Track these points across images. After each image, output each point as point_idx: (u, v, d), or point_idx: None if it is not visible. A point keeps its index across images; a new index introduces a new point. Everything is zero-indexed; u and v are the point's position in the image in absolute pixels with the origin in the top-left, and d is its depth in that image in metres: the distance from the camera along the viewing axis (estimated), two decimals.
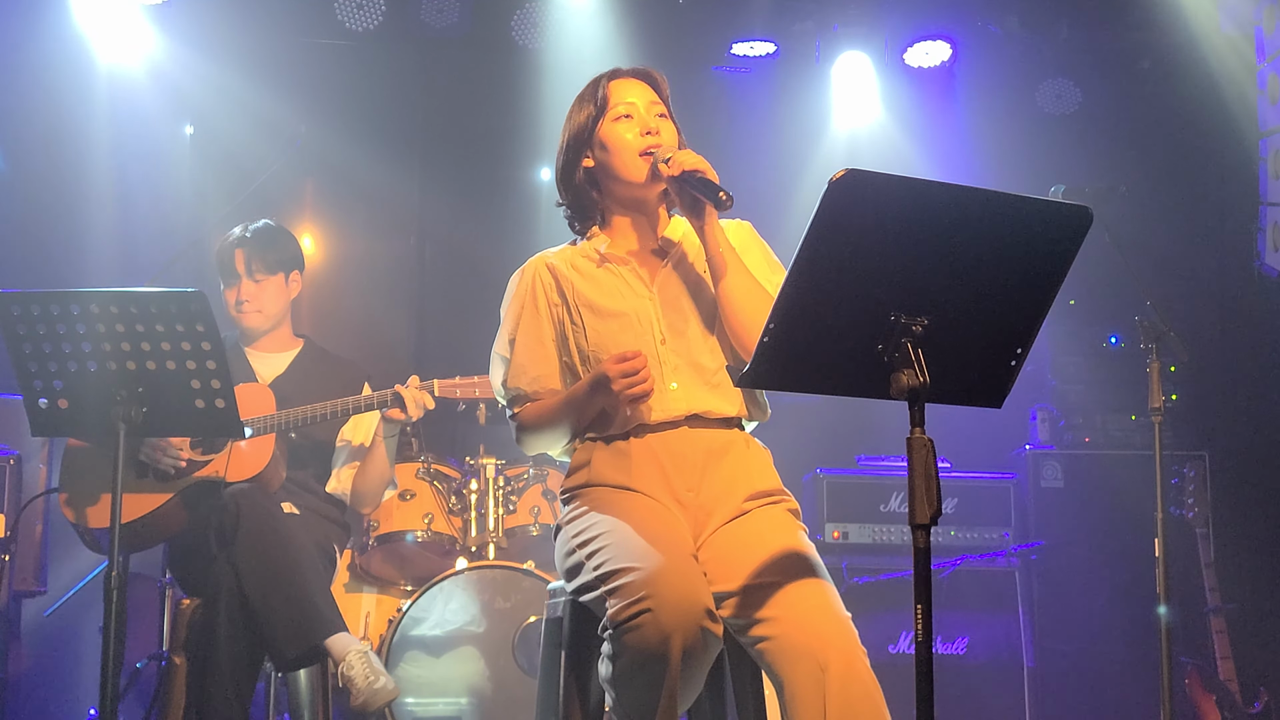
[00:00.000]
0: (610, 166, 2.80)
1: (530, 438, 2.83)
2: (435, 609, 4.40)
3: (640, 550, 2.47)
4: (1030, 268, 2.19)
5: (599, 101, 2.83)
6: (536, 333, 2.81)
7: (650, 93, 2.84)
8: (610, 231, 2.87)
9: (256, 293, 4.18)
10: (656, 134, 2.78)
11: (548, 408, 2.78)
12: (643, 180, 2.77)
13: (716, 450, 2.71)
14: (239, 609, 3.65)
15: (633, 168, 2.78)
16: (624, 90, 2.83)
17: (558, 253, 2.89)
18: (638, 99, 2.82)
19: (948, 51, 6.11)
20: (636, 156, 2.77)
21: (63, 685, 5.12)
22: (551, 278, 2.83)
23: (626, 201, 2.84)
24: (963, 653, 5.14)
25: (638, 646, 2.37)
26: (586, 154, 2.84)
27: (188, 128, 6.04)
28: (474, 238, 6.21)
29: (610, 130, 2.80)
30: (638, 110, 2.80)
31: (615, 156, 2.79)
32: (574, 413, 2.73)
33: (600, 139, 2.81)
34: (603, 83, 2.85)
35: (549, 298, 2.82)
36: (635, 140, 2.77)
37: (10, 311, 3.12)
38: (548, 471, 4.72)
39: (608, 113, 2.81)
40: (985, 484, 5.38)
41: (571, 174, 2.86)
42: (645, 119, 2.79)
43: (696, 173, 2.66)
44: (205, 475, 3.92)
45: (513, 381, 2.82)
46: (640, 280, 2.80)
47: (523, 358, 2.81)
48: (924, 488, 2.08)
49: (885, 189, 2.09)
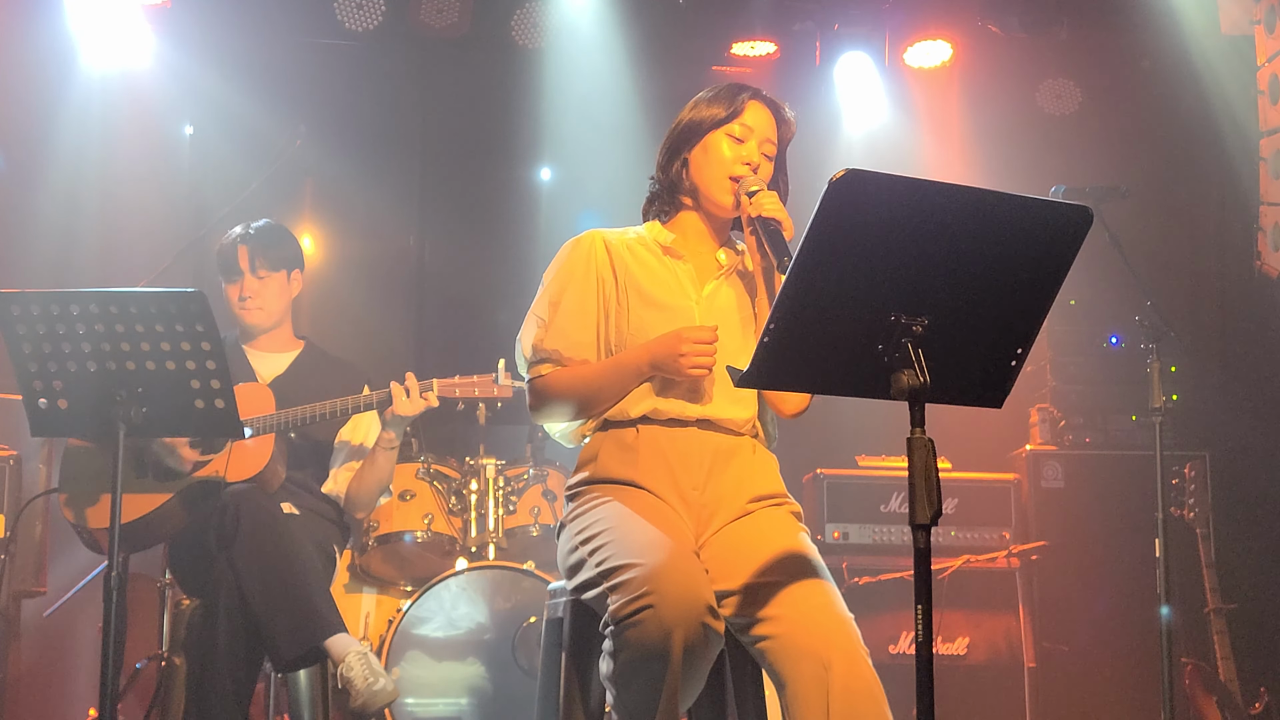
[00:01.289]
0: (700, 172, 2.84)
1: (552, 404, 2.79)
2: (435, 609, 4.40)
3: (642, 547, 2.47)
4: (1030, 268, 2.19)
5: (730, 110, 2.84)
6: (583, 301, 2.81)
7: (773, 129, 2.86)
8: (678, 227, 2.89)
9: (259, 289, 4.18)
10: (755, 169, 2.81)
11: (584, 373, 2.76)
12: (723, 202, 2.81)
13: (724, 452, 2.72)
14: (238, 609, 3.64)
15: (717, 185, 2.81)
16: (754, 114, 2.85)
17: (616, 233, 2.90)
18: (759, 128, 2.84)
19: (948, 51, 6.11)
20: (725, 178, 2.80)
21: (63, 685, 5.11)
22: (606, 254, 2.84)
23: (702, 208, 2.87)
24: (963, 653, 5.14)
25: (639, 642, 2.37)
26: (690, 146, 2.85)
27: (188, 128, 6.04)
28: (474, 238, 6.21)
29: (718, 142, 2.82)
30: (752, 138, 2.83)
31: (708, 166, 2.82)
32: (615, 376, 2.72)
33: (708, 143, 2.83)
34: (743, 96, 2.86)
35: (600, 273, 2.83)
36: (732, 161, 2.80)
37: (10, 311, 3.12)
38: (548, 472, 4.71)
39: (728, 124, 2.83)
40: (985, 484, 5.37)
41: (672, 159, 2.88)
42: (753, 150, 2.82)
43: (773, 223, 2.68)
44: (205, 475, 3.92)
45: (550, 342, 2.79)
46: (693, 282, 2.83)
47: (565, 321, 2.79)
48: (924, 488, 2.08)
49: (885, 189, 2.09)
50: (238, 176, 5.34)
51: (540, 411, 2.81)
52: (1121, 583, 5.22)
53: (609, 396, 2.74)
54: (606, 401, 2.75)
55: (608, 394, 2.74)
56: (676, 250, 2.85)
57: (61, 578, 4.86)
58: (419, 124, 6.30)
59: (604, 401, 2.75)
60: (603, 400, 2.75)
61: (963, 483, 5.32)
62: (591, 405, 2.77)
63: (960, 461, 5.32)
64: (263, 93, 5.79)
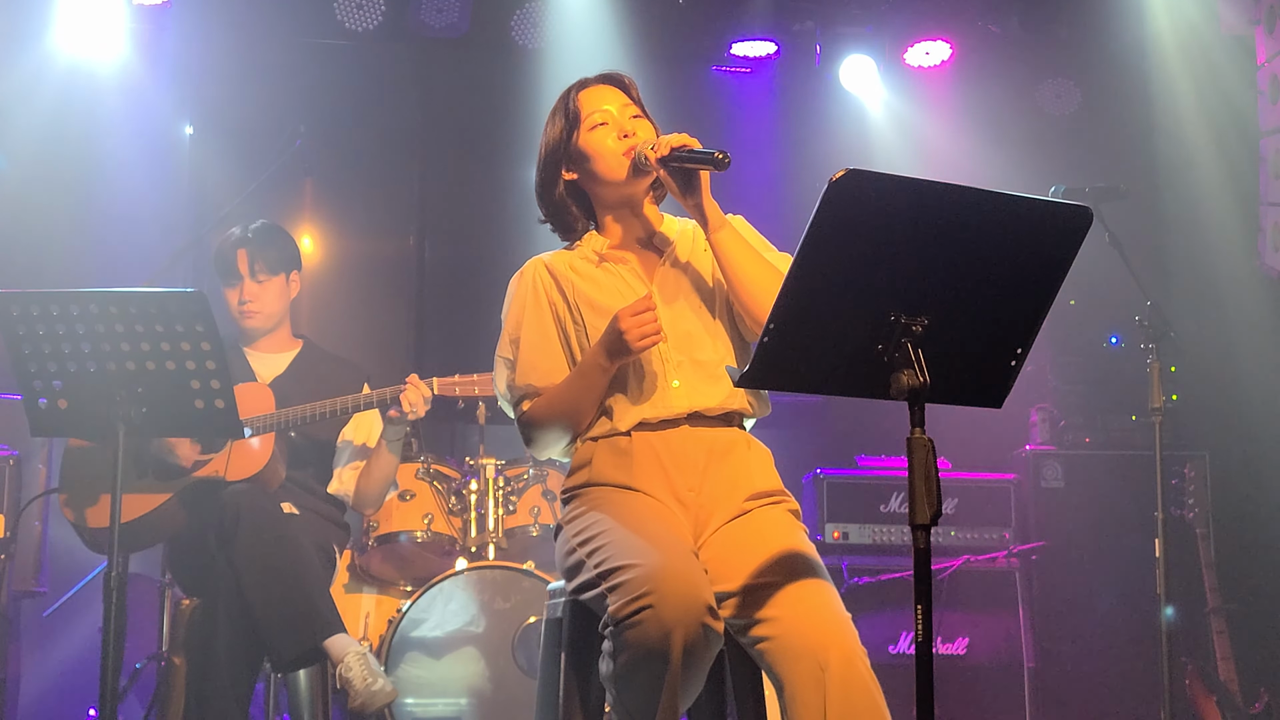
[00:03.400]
0: (595, 173, 2.80)
1: (542, 432, 2.77)
2: (435, 609, 4.40)
3: (641, 547, 2.47)
4: (1030, 268, 2.19)
5: (570, 114, 2.82)
6: (541, 329, 2.80)
7: (621, 96, 2.84)
8: (606, 234, 2.87)
9: (259, 293, 4.18)
10: (634, 135, 2.78)
11: (557, 392, 2.74)
12: (624, 178, 2.77)
13: (718, 450, 2.71)
14: (238, 609, 3.65)
15: (617, 169, 2.77)
16: (595, 98, 2.82)
17: (554, 255, 2.89)
18: (611, 104, 2.81)
19: (948, 51, 6.11)
20: (618, 157, 2.76)
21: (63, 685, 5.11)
22: (550, 278, 2.83)
23: (615, 203, 2.84)
24: (963, 653, 5.14)
25: (639, 643, 2.36)
26: (565, 168, 2.83)
27: (188, 128, 6.04)
28: (474, 238, 6.21)
29: (588, 139, 2.79)
30: (612, 116, 2.80)
31: (598, 163, 2.78)
32: (583, 382, 2.69)
33: (579, 150, 2.80)
34: (572, 95, 2.84)
35: (550, 296, 2.81)
36: (615, 144, 2.77)
37: (10, 311, 3.12)
38: (548, 472, 4.71)
39: (582, 123, 2.80)
40: (985, 484, 5.37)
41: (551, 189, 2.85)
42: (621, 123, 2.79)
43: (684, 148, 2.65)
44: (205, 475, 3.92)
45: (521, 379, 2.78)
46: (639, 278, 2.80)
47: (530, 354, 2.78)
48: (924, 488, 2.08)
49: (885, 189, 2.09)
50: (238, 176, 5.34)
51: (535, 444, 2.80)
52: (1121, 583, 5.22)
53: (587, 403, 2.72)
54: (587, 409, 2.73)
55: (584, 401, 2.72)
56: (613, 254, 2.82)
57: (61, 578, 4.86)
58: (419, 124, 6.30)
59: (585, 410, 2.73)
60: (583, 409, 2.73)
61: (963, 483, 5.32)
62: (576, 418, 2.74)
63: (960, 461, 5.32)
64: (263, 93, 5.79)
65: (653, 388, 2.71)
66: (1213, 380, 5.60)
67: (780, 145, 6.18)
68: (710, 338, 2.76)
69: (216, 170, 5.88)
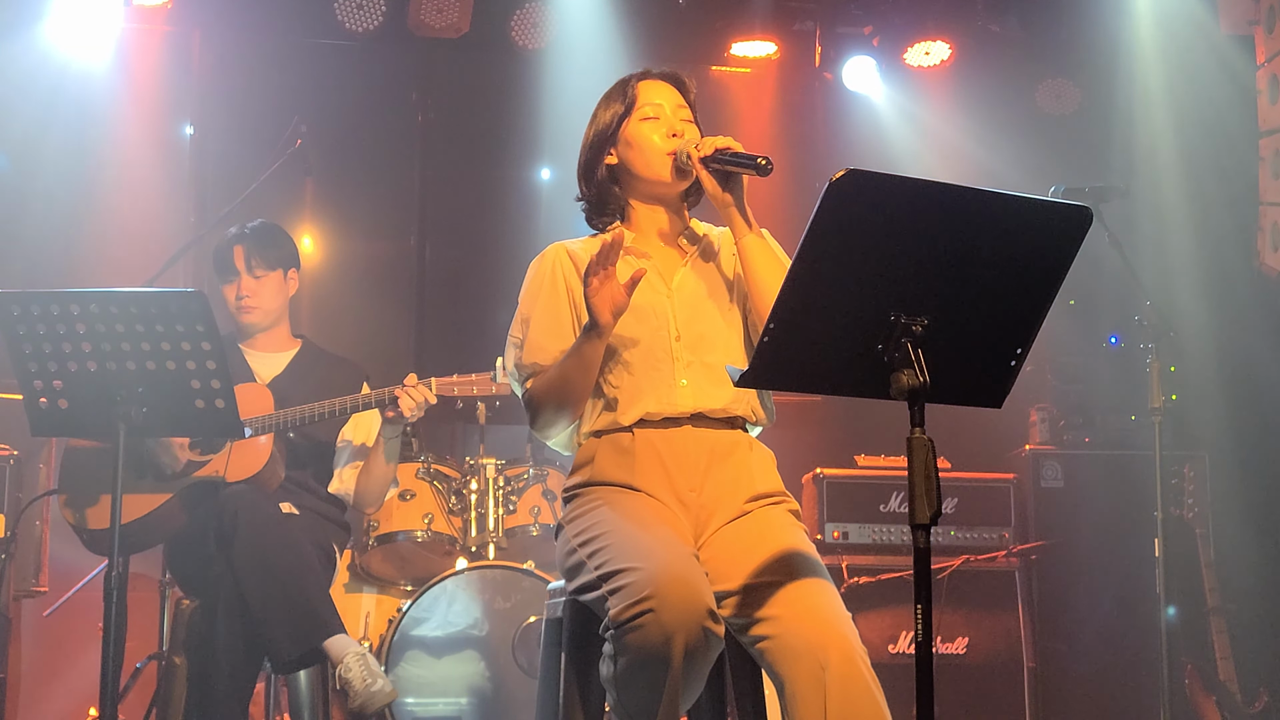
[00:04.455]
0: (634, 164, 2.82)
1: (545, 411, 2.76)
2: (435, 609, 4.40)
3: (642, 550, 2.46)
4: (1030, 268, 2.19)
5: (627, 100, 2.84)
6: (555, 312, 2.80)
7: (677, 96, 2.86)
8: (632, 227, 2.88)
9: (256, 289, 4.18)
10: (681, 136, 2.80)
11: (553, 368, 2.73)
12: (668, 179, 2.79)
13: (720, 451, 2.71)
14: (238, 609, 3.65)
15: (658, 166, 2.79)
16: (652, 91, 2.85)
17: (579, 242, 2.90)
18: (665, 101, 2.84)
19: (948, 51, 6.11)
20: (662, 155, 2.78)
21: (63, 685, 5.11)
22: (571, 264, 2.83)
23: (649, 199, 2.86)
24: (963, 653, 5.14)
25: (639, 646, 2.36)
26: (610, 151, 2.85)
27: (188, 128, 6.04)
28: (474, 238, 6.21)
29: (636, 129, 2.82)
30: (664, 112, 2.82)
31: (640, 155, 2.81)
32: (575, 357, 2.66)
33: (625, 137, 2.83)
34: (631, 83, 2.87)
35: (568, 282, 2.82)
36: (661, 141, 2.79)
37: (10, 311, 3.12)
38: (548, 472, 4.71)
39: (634, 112, 2.83)
40: (985, 484, 5.37)
41: (594, 170, 2.88)
42: (671, 121, 2.82)
43: (728, 150, 2.67)
44: (204, 475, 3.92)
45: (529, 357, 2.78)
46: (659, 276, 2.81)
47: (540, 335, 2.78)
48: (924, 488, 2.08)
49: (885, 189, 2.09)
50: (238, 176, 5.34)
51: (539, 422, 2.79)
52: (1121, 583, 5.22)
53: (579, 378, 2.69)
54: (580, 385, 2.70)
55: (576, 375, 2.68)
56: (637, 249, 2.83)
57: (61, 578, 4.86)
58: (419, 124, 6.30)
59: (578, 386, 2.70)
60: (576, 384, 2.70)
61: (963, 483, 5.32)
62: (570, 394, 2.71)
63: (960, 461, 5.32)
64: (263, 93, 5.79)
65: (660, 384, 2.71)
66: (1213, 380, 5.60)
67: (780, 145, 6.18)
68: (723, 342, 2.76)
69: (216, 170, 5.89)
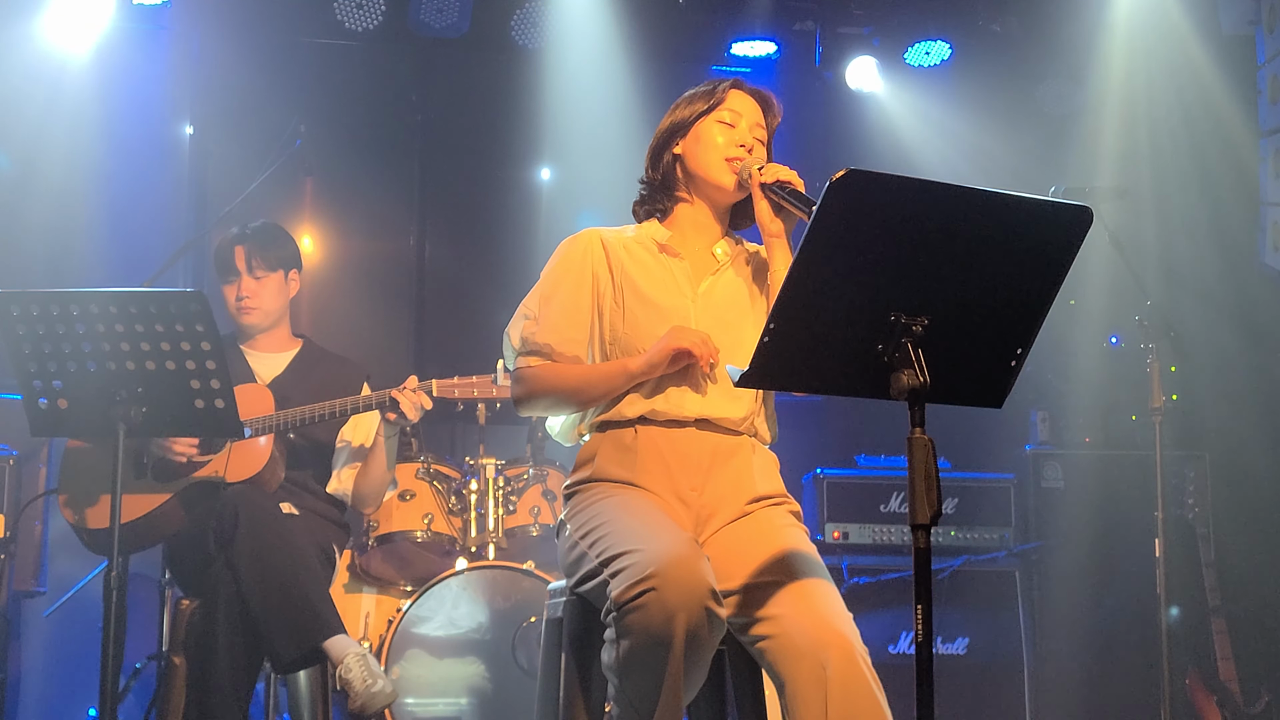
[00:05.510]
0: (695, 160, 2.84)
1: (539, 398, 2.77)
2: (435, 609, 4.40)
3: (643, 534, 2.47)
4: (1030, 268, 2.19)
5: (712, 101, 2.86)
6: (577, 297, 2.80)
7: (759, 114, 2.88)
8: (672, 224, 2.89)
9: (257, 289, 4.17)
10: (749, 150, 2.81)
11: (576, 371, 2.75)
12: (724, 185, 2.81)
13: (723, 452, 2.72)
14: (238, 610, 3.64)
15: (716, 169, 2.81)
16: (737, 101, 2.86)
17: (614, 232, 2.90)
18: (746, 114, 2.86)
19: (948, 51, 6.11)
20: (722, 160, 2.80)
21: (63, 685, 5.12)
22: (603, 252, 2.83)
23: (700, 199, 2.87)
24: (963, 653, 5.14)
25: (642, 626, 2.35)
26: (679, 141, 2.87)
27: (188, 128, 6.04)
28: (474, 238, 6.21)
29: (708, 127, 2.84)
30: (741, 122, 2.84)
31: (703, 152, 2.82)
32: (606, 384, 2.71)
33: (697, 132, 2.84)
34: (722, 86, 2.88)
35: (596, 270, 2.82)
36: (726, 145, 2.81)
37: (10, 311, 3.12)
38: (548, 472, 4.72)
39: (714, 112, 2.84)
40: (985, 484, 5.37)
41: (660, 154, 2.89)
42: (744, 133, 2.83)
43: (789, 184, 2.69)
44: (204, 475, 3.92)
45: (542, 336, 2.77)
46: (689, 280, 2.81)
47: (558, 317, 2.78)
48: (924, 488, 2.08)
49: (885, 189, 2.09)
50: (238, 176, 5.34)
51: (525, 402, 2.80)
52: (1121, 582, 5.22)
53: (596, 396, 2.74)
54: (592, 401, 2.74)
55: (594, 394, 2.73)
56: (673, 248, 2.84)
57: (61, 578, 4.86)
58: (419, 124, 6.30)
59: (590, 401, 2.74)
60: (589, 399, 2.74)
61: (963, 483, 5.32)
62: (577, 403, 2.76)
63: (960, 461, 5.32)
64: (263, 93, 5.79)
65: (671, 384, 2.72)
66: (1213, 380, 5.61)
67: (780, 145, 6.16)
68: (739, 358, 2.76)
69: (216, 170, 5.88)
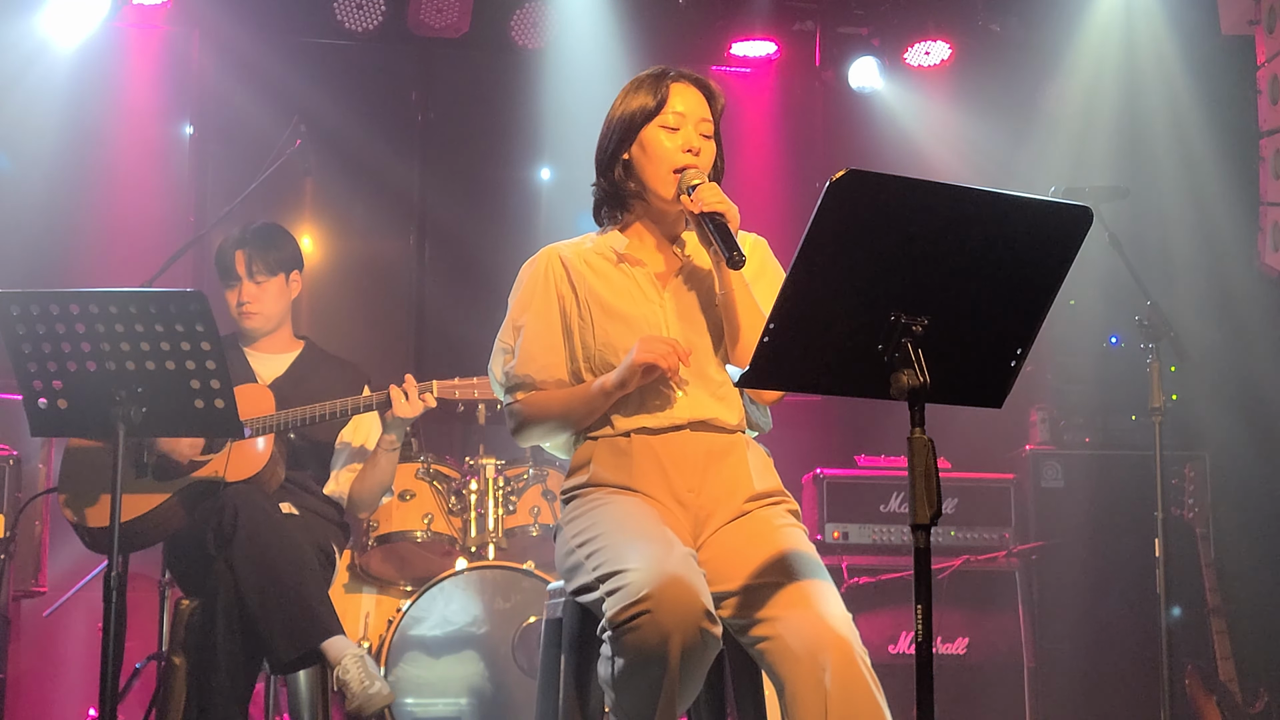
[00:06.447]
0: (643, 171, 2.78)
1: (532, 428, 2.79)
2: (435, 609, 4.40)
3: (639, 551, 2.46)
4: (1030, 268, 2.19)
5: (657, 99, 2.79)
6: (547, 321, 2.80)
7: (704, 108, 2.81)
8: (629, 232, 2.86)
9: (258, 295, 4.17)
10: (697, 153, 2.76)
11: (555, 399, 2.76)
12: (669, 197, 2.76)
13: (717, 452, 2.71)
14: (237, 610, 3.64)
15: (662, 181, 2.76)
16: (680, 98, 2.79)
17: (571, 245, 2.88)
18: (690, 110, 2.79)
19: (948, 51, 6.11)
20: (670, 172, 2.75)
21: (63, 685, 5.12)
22: (563, 270, 2.82)
23: (652, 205, 2.82)
24: (963, 653, 5.14)
25: (637, 647, 2.36)
26: (626, 148, 2.81)
27: (187, 128, 6.04)
28: (474, 238, 6.21)
29: (655, 136, 2.77)
30: (686, 124, 2.78)
31: (650, 164, 2.77)
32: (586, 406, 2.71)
33: (643, 140, 2.78)
34: (666, 80, 2.81)
35: (559, 289, 2.81)
36: (673, 154, 2.75)
37: (10, 311, 3.12)
38: (547, 472, 4.72)
39: (659, 116, 2.78)
40: (985, 484, 5.37)
41: (612, 163, 2.83)
42: (690, 136, 2.78)
43: (718, 216, 2.63)
44: (204, 475, 3.91)
45: (521, 369, 2.78)
46: (653, 285, 2.79)
47: (532, 345, 2.78)
48: (924, 488, 2.08)
49: (885, 189, 2.09)
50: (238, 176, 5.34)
51: (521, 434, 2.82)
52: (1121, 582, 5.22)
53: (583, 418, 2.74)
54: (582, 422, 2.75)
55: (580, 416, 2.74)
56: (633, 255, 2.81)
57: (61, 578, 4.86)
58: (419, 124, 6.30)
59: (579, 423, 2.75)
60: (579, 421, 2.75)
61: (963, 483, 5.32)
62: (569, 427, 2.78)
63: (960, 461, 5.32)
64: (263, 93, 5.79)
65: (657, 397, 2.71)
66: (1213, 380, 5.61)
67: (780, 145, 6.18)
68: (718, 354, 2.75)
69: (216, 170, 5.89)
